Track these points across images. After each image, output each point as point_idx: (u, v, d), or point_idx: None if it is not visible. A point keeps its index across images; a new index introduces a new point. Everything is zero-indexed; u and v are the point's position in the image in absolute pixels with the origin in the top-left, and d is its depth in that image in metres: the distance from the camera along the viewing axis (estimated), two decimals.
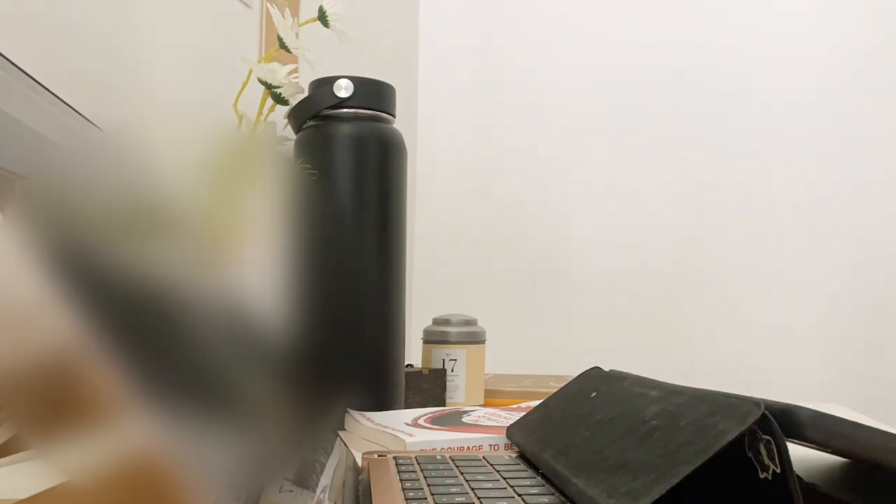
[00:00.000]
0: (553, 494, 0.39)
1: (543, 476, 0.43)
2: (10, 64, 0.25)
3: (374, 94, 0.77)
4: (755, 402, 0.29)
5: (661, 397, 0.38)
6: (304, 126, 0.77)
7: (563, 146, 1.65)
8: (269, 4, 0.80)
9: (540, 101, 1.66)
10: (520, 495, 0.38)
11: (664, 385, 0.40)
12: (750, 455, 0.30)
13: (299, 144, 0.77)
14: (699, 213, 1.61)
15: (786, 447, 0.28)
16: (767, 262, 1.58)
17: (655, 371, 1.53)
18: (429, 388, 0.85)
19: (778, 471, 0.28)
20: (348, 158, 0.75)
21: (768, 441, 0.29)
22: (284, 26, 0.73)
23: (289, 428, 0.38)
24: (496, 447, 0.58)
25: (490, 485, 0.40)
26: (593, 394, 0.47)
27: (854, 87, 1.57)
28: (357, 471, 0.46)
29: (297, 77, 0.75)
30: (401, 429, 0.61)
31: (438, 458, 0.47)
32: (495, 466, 0.44)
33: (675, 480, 0.29)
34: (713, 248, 1.60)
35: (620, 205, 1.63)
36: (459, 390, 0.89)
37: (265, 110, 0.75)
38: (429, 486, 0.40)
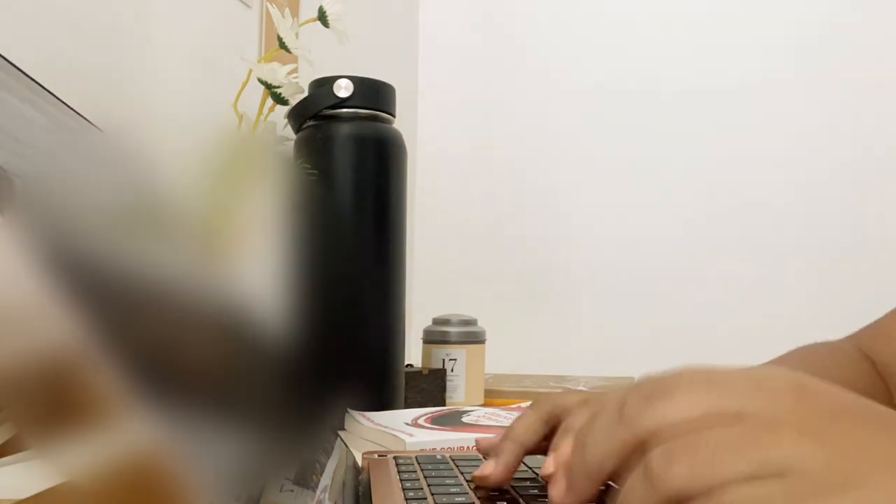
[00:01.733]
0: None
1: None
2: (8, 64, 0.25)
3: (374, 94, 0.77)
4: None
5: None
6: (304, 126, 0.77)
7: (565, 146, 1.65)
8: (269, 4, 0.80)
9: (541, 102, 1.66)
10: (520, 495, 0.38)
11: None
12: None
13: (299, 144, 0.77)
14: (702, 215, 1.61)
15: None
16: (772, 264, 1.58)
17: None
18: (429, 388, 0.85)
19: None
20: (348, 158, 0.75)
21: None
22: (284, 26, 0.73)
23: (289, 428, 0.38)
24: None
25: None
26: None
27: (852, 84, 1.57)
28: (357, 471, 0.46)
29: (297, 77, 0.75)
30: (401, 429, 0.61)
31: (438, 458, 0.47)
32: None
33: None
34: (716, 249, 1.60)
35: (621, 205, 1.63)
36: (459, 390, 0.89)
37: (265, 110, 0.75)
38: (429, 486, 0.40)
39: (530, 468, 0.44)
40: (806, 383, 0.25)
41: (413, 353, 1.54)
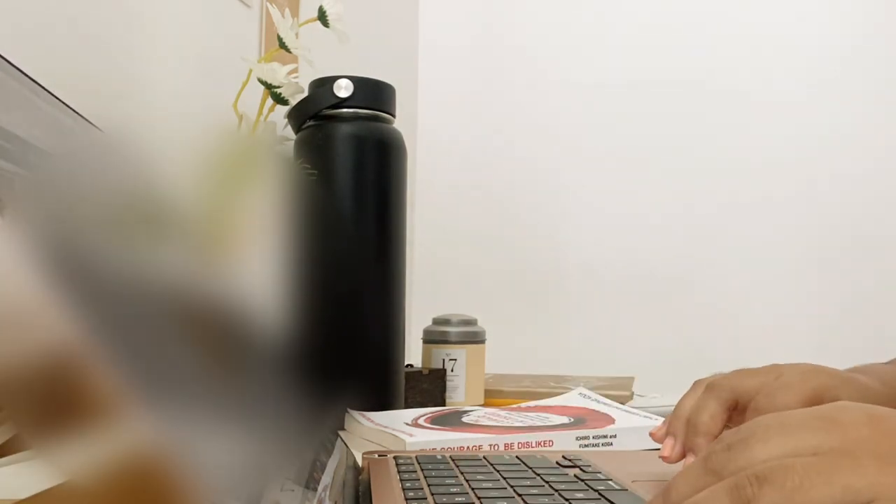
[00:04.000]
0: (553, 495, 0.38)
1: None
2: (8, 64, 0.25)
3: (374, 94, 0.77)
4: None
5: None
6: (304, 126, 0.77)
7: (565, 146, 1.65)
8: (269, 4, 0.80)
9: (541, 102, 1.66)
10: (520, 495, 0.38)
11: None
12: None
13: (299, 144, 0.77)
14: (701, 215, 1.61)
15: None
16: (774, 265, 1.58)
17: (656, 371, 1.53)
18: (429, 388, 0.85)
19: None
20: (348, 158, 0.75)
21: None
22: (284, 26, 0.73)
23: (289, 428, 0.38)
24: (496, 447, 0.58)
25: (490, 485, 0.40)
26: None
27: (847, 85, 1.57)
28: (357, 471, 0.46)
29: (297, 77, 0.75)
30: (401, 429, 0.61)
31: (438, 458, 0.47)
32: (495, 466, 0.44)
33: None
34: (714, 250, 1.60)
35: (621, 205, 1.63)
36: (459, 390, 0.89)
37: (265, 110, 0.75)
38: (429, 486, 0.40)
39: (530, 468, 0.44)
40: (876, 413, 0.26)
41: (413, 353, 1.54)
